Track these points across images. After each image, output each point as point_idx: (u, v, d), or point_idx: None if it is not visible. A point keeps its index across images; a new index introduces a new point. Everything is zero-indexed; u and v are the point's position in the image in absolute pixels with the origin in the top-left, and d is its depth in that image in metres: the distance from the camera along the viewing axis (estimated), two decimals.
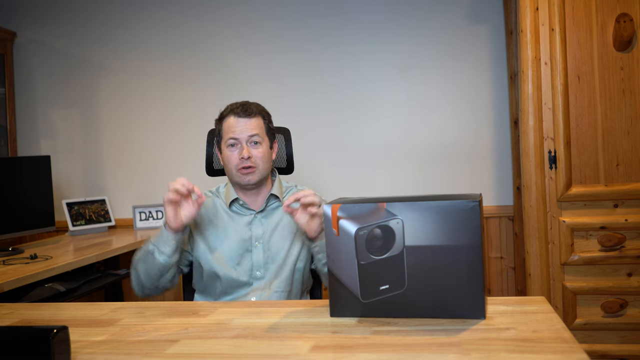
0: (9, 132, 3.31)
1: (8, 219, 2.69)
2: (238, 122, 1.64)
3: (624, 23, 2.30)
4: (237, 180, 1.66)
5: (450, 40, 3.00)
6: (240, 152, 1.64)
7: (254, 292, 1.64)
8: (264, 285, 1.64)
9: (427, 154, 3.03)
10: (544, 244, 2.41)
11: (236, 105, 1.68)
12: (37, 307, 1.44)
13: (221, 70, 3.22)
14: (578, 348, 0.92)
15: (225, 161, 1.68)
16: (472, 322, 1.09)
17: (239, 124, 1.64)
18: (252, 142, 1.65)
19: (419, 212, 1.12)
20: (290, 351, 1.00)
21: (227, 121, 1.66)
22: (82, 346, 1.08)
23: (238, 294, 1.64)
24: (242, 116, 1.65)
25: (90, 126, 3.39)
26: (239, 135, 1.64)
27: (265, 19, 3.17)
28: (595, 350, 2.38)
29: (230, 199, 1.69)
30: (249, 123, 1.64)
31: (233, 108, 1.67)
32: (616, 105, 2.35)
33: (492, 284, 3.02)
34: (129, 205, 3.32)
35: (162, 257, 1.54)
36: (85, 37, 3.36)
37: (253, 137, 1.64)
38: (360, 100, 3.09)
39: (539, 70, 2.39)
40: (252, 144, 1.65)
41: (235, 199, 1.69)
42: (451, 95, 3.02)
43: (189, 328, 1.17)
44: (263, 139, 1.67)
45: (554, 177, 2.39)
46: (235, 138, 1.64)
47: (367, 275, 1.16)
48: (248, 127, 1.64)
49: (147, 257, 1.56)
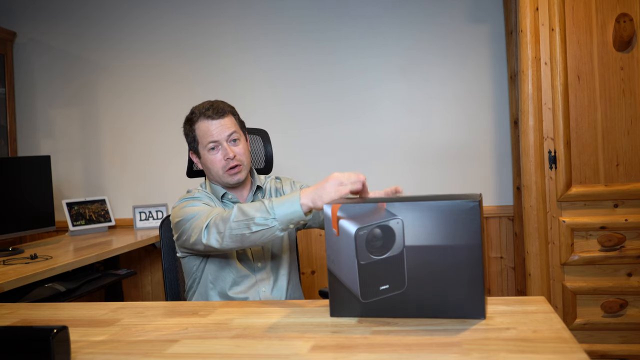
0: (9, 132, 3.31)
1: (8, 219, 2.68)
2: (213, 124, 1.65)
3: (624, 23, 2.30)
4: (226, 181, 1.68)
5: (450, 40, 3.00)
6: (224, 153, 1.65)
7: (261, 284, 1.68)
8: (266, 275, 1.69)
9: (427, 154, 3.03)
10: (544, 244, 2.41)
11: (204, 107, 1.67)
12: (37, 307, 1.44)
13: (224, 70, 3.22)
14: (578, 348, 0.92)
15: (208, 165, 1.68)
16: (472, 322, 1.09)
17: (214, 126, 1.65)
18: (231, 140, 1.67)
19: (419, 212, 1.12)
20: (290, 351, 1.00)
21: (201, 125, 1.66)
22: (82, 346, 1.08)
23: (245, 284, 1.67)
24: (215, 118, 1.66)
25: (91, 126, 3.39)
26: (218, 137, 1.65)
27: (263, 17, 3.16)
28: (595, 350, 2.38)
29: (220, 195, 1.72)
30: (223, 123, 1.66)
31: (202, 111, 1.67)
32: (616, 105, 2.35)
33: (492, 284, 3.02)
34: (129, 205, 3.32)
35: (282, 233, 1.37)
36: (85, 37, 3.36)
37: (231, 135, 1.67)
38: (359, 100, 3.09)
39: (539, 70, 2.39)
40: (231, 142, 1.67)
41: (224, 194, 1.72)
42: (451, 95, 3.02)
43: (189, 328, 1.17)
44: (240, 135, 1.70)
45: (554, 177, 2.39)
46: (215, 140, 1.65)
47: (367, 275, 1.16)
48: (224, 127, 1.66)
49: (264, 232, 1.36)
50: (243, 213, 1.37)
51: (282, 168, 2.91)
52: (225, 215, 1.42)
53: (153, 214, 3.24)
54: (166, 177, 3.28)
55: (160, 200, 3.29)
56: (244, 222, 1.36)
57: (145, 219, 3.23)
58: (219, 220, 1.43)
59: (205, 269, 1.68)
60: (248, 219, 1.35)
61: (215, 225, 1.43)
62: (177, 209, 1.64)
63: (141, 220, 3.23)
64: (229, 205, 1.72)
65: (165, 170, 3.28)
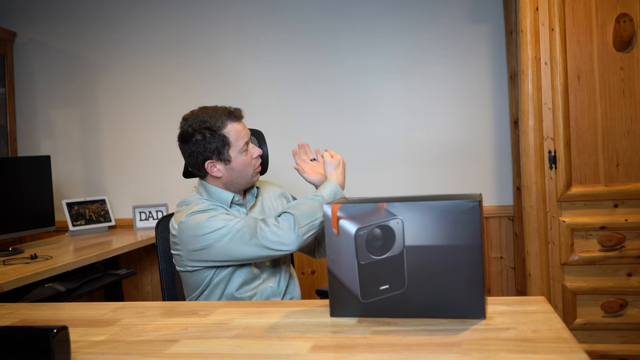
0: (9, 132, 3.31)
1: (8, 219, 2.69)
2: (241, 125, 1.67)
3: (624, 23, 2.30)
4: (252, 181, 1.72)
5: (450, 40, 3.00)
6: (253, 152, 1.69)
7: (268, 281, 1.71)
8: (273, 271, 1.72)
9: (426, 154, 3.03)
10: (544, 244, 2.41)
11: (225, 111, 1.65)
12: (37, 307, 1.44)
13: (225, 70, 3.22)
14: (578, 348, 0.92)
15: (241, 167, 1.66)
16: (472, 322, 1.09)
17: (242, 127, 1.67)
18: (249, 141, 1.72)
19: (419, 212, 1.12)
20: (290, 351, 1.00)
21: (233, 127, 1.63)
22: (82, 346, 1.08)
23: (254, 283, 1.69)
24: (240, 120, 1.68)
25: (91, 126, 3.39)
26: (247, 137, 1.68)
27: (263, 17, 3.16)
28: (595, 350, 2.38)
29: (229, 199, 1.70)
30: (244, 125, 1.69)
31: (226, 114, 1.64)
32: (616, 105, 2.35)
33: (492, 284, 3.02)
34: (129, 205, 3.32)
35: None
36: (85, 37, 3.36)
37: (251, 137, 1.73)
38: (359, 99, 3.09)
39: (539, 70, 2.39)
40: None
41: (232, 197, 1.71)
42: (451, 95, 3.02)
43: (189, 328, 1.17)
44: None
45: (554, 177, 2.39)
46: (248, 141, 1.68)
47: (367, 275, 1.16)
48: (247, 128, 1.70)
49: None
50: (310, 215, 1.52)
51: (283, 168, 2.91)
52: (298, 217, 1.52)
53: (153, 214, 3.24)
54: (166, 177, 3.28)
55: (160, 200, 3.29)
56: (312, 221, 1.52)
57: (145, 219, 3.23)
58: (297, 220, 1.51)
59: (217, 277, 1.66)
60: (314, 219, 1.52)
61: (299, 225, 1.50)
62: (193, 221, 1.58)
63: (141, 220, 3.23)
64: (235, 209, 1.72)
65: (165, 170, 3.28)
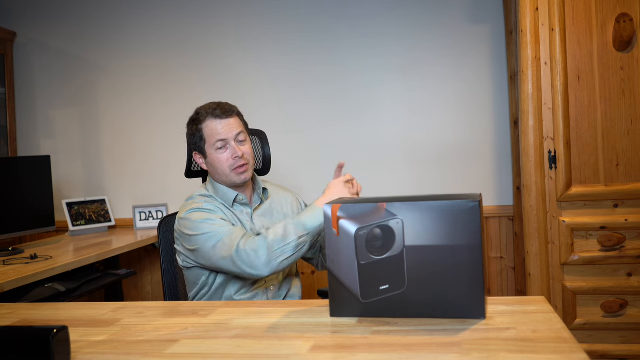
0: (9, 132, 3.31)
1: (8, 219, 2.68)
2: (221, 124, 1.66)
3: (624, 23, 2.30)
4: (233, 180, 1.69)
5: (450, 40, 3.00)
6: (232, 151, 1.66)
7: (269, 283, 1.71)
8: (275, 274, 1.70)
9: (426, 154, 3.03)
10: (544, 244, 2.41)
11: (211, 107, 1.68)
12: (37, 307, 1.44)
13: (225, 69, 3.22)
14: (578, 348, 0.92)
15: (216, 164, 1.68)
16: (472, 322, 1.09)
17: (222, 125, 1.66)
18: (238, 140, 1.68)
19: (419, 212, 1.12)
20: (290, 351, 1.00)
21: (209, 124, 1.67)
22: (82, 346, 1.08)
23: (255, 286, 1.69)
24: (223, 117, 1.67)
25: (91, 126, 3.39)
26: (226, 135, 1.66)
27: (263, 17, 3.16)
28: (595, 350, 2.38)
29: (232, 197, 1.71)
30: (231, 123, 1.67)
31: (210, 111, 1.67)
32: (616, 105, 2.35)
33: (492, 284, 3.02)
34: (129, 205, 3.32)
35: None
36: (85, 37, 3.36)
37: (239, 135, 1.68)
38: (360, 99, 3.09)
39: (539, 70, 2.39)
40: (239, 142, 1.68)
41: (235, 196, 1.72)
42: (451, 95, 3.01)
43: (189, 328, 1.17)
44: (246, 136, 1.72)
45: (554, 177, 2.39)
46: (224, 139, 1.66)
47: (367, 275, 1.16)
48: (232, 126, 1.67)
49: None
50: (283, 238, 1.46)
51: (283, 168, 2.91)
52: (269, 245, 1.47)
53: (153, 214, 3.24)
54: (166, 177, 3.28)
55: (160, 200, 3.29)
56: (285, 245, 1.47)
57: (145, 219, 3.23)
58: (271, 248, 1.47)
59: (216, 279, 1.67)
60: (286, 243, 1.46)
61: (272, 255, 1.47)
62: (189, 219, 1.61)
63: (141, 220, 3.23)
64: (238, 208, 1.72)
65: (165, 170, 3.28)
